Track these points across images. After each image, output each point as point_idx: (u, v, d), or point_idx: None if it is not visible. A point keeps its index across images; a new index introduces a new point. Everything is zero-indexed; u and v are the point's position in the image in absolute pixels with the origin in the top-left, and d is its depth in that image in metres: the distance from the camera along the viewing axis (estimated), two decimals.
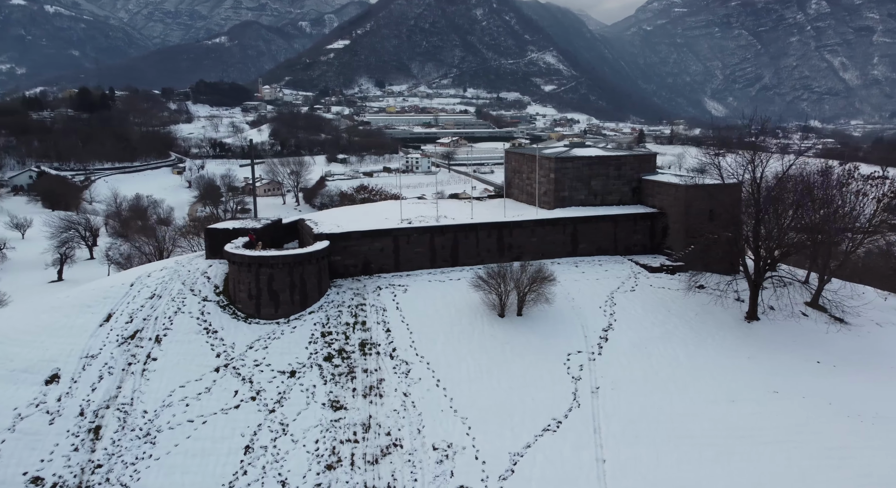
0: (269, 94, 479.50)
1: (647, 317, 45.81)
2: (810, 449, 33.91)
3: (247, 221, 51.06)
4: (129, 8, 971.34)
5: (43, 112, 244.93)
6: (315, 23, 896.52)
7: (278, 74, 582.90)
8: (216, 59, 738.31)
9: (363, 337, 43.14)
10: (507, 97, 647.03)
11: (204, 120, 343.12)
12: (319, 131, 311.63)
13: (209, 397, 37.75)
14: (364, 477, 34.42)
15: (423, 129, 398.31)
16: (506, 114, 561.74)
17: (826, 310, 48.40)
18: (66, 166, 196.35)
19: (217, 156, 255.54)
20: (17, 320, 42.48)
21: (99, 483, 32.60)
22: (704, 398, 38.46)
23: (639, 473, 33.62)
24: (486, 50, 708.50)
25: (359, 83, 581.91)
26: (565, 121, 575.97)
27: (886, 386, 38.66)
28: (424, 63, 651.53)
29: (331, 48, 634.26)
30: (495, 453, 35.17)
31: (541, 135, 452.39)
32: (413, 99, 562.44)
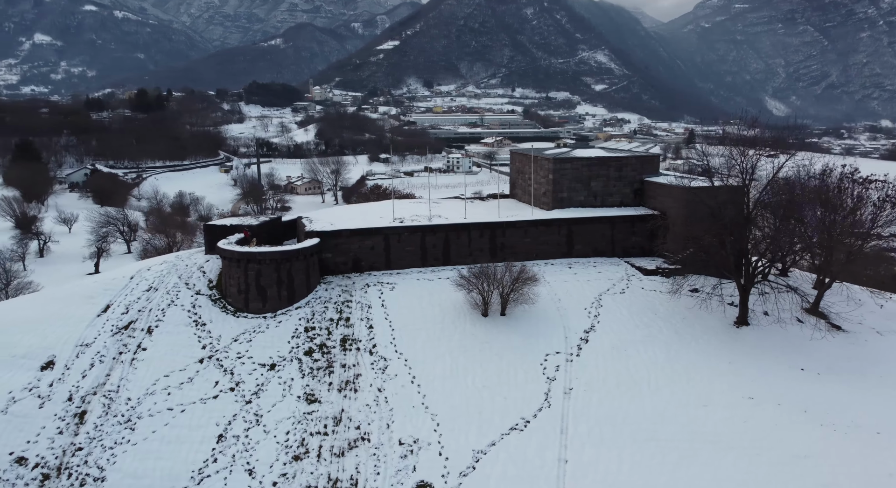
0: (319, 94, 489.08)
1: (631, 319, 45.34)
2: (775, 456, 33.25)
3: (244, 218, 52.83)
4: (192, 12, 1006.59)
5: (102, 113, 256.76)
6: (367, 24, 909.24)
7: (329, 75, 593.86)
8: (271, 61, 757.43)
9: (345, 332, 44.19)
10: (556, 97, 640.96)
11: (255, 120, 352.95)
12: (364, 131, 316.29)
13: (190, 387, 39.46)
14: (328, 469, 35.45)
15: (468, 129, 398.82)
16: (554, 114, 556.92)
17: (826, 316, 46.83)
18: (120, 164, 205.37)
19: (264, 155, 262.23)
20: (25, 309, 45.29)
21: (77, 465, 34.63)
22: (677, 401, 38.01)
23: (598, 474, 33.65)
24: (536, 49, 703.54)
25: (407, 83, 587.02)
26: (615, 121, 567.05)
27: (870, 396, 37.32)
28: (473, 63, 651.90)
29: (380, 49, 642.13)
30: (459, 450, 35.67)
31: (588, 135, 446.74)
32: (461, 99, 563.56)
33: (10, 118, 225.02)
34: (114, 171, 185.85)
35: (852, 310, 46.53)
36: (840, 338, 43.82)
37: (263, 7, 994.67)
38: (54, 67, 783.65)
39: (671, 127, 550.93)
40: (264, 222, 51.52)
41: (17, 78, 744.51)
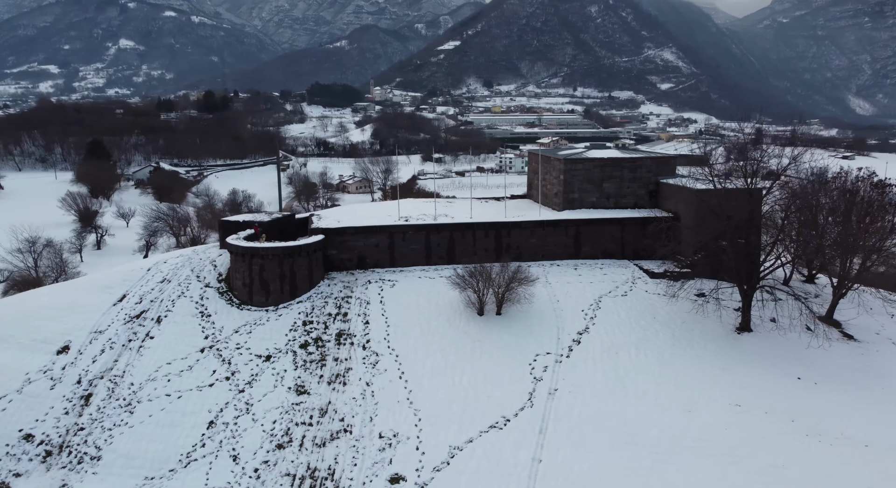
0: (379, 94, 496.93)
1: (628, 322, 44.73)
2: (752, 465, 32.48)
3: (258, 215, 54.87)
4: (263, 16, 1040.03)
5: (170, 113, 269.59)
6: (430, 25, 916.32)
7: (390, 76, 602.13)
8: (336, 62, 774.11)
9: (342, 327, 45.39)
10: (620, 96, 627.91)
11: (315, 120, 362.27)
12: (419, 131, 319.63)
13: (189, 374, 41.49)
14: (309, 458, 36.64)
15: (525, 129, 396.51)
16: (616, 113, 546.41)
17: (840, 325, 44.79)
18: (184, 163, 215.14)
19: (321, 154, 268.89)
20: (52, 296, 48.67)
21: (77, 444, 37.06)
22: (661, 406, 37.43)
23: (571, 475, 33.68)
24: (600, 48, 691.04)
25: (467, 83, 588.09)
26: (681, 121, 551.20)
27: (866, 407, 35.72)
28: (534, 62, 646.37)
29: (441, 49, 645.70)
30: (437, 445, 36.24)
31: (650, 135, 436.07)
32: (520, 99, 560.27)
33: (89, 119, 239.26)
34: (176, 169, 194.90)
35: (870, 319, 44.47)
36: (849, 348, 41.93)
37: (331, 10, 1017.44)
38: (136, 71, 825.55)
39: (740, 127, 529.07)
40: (276, 219, 53.36)
41: (103, 81, 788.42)
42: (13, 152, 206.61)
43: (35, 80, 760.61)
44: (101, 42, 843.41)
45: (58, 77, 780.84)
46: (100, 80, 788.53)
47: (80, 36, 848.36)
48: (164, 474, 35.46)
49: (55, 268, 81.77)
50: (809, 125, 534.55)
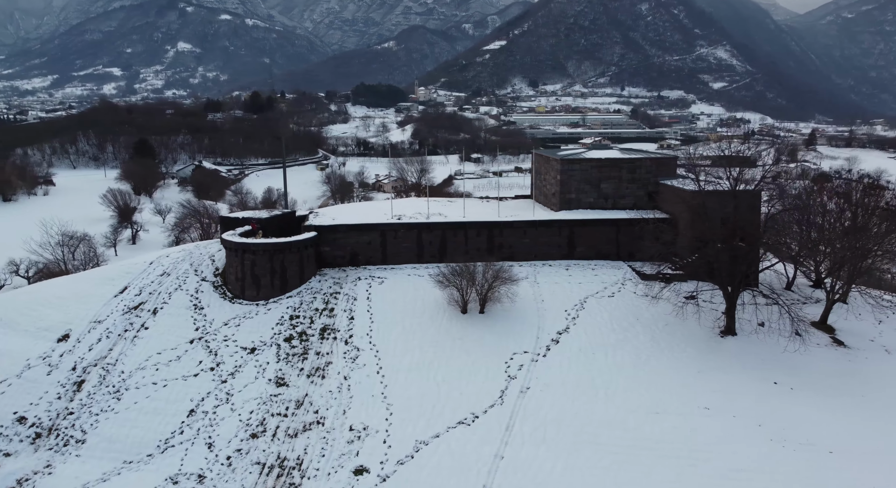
0: (423, 95, 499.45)
1: (610, 323, 44.45)
2: (709, 469, 32.17)
3: (258, 211, 56.47)
4: (314, 18, 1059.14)
5: (217, 114, 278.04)
6: (478, 24, 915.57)
7: (435, 76, 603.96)
8: (383, 63, 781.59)
9: (327, 322, 46.44)
10: (669, 96, 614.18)
11: (358, 120, 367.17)
12: (459, 131, 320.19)
13: (177, 364, 43.19)
14: (280, 448, 37.74)
15: (568, 129, 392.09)
16: (665, 113, 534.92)
17: (833, 330, 43.34)
18: (227, 161, 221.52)
19: (361, 154, 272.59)
20: (60, 287, 51.28)
21: (66, 427, 39.09)
22: (629, 407, 37.27)
23: (529, 472, 33.95)
24: (650, 46, 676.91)
25: (512, 83, 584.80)
26: (733, 121, 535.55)
27: (839, 414, 34.79)
28: (581, 61, 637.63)
29: (487, 49, 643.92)
30: (404, 439, 36.93)
31: (698, 135, 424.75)
32: (566, 98, 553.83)
33: (140, 119, 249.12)
34: (217, 168, 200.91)
35: (867, 326, 43.02)
36: (837, 354, 40.68)
37: (380, 11, 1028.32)
38: (193, 72, 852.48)
39: (797, 127, 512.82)
40: (275, 216, 54.87)
41: (161, 82, 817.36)
42: (69, 151, 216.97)
43: (100, 83, 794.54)
44: (160, 45, 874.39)
45: (120, 79, 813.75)
46: (159, 81, 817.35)
47: (142, 39, 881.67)
48: (142, 458, 37.08)
49: (88, 262, 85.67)
50: (873, 125, 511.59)
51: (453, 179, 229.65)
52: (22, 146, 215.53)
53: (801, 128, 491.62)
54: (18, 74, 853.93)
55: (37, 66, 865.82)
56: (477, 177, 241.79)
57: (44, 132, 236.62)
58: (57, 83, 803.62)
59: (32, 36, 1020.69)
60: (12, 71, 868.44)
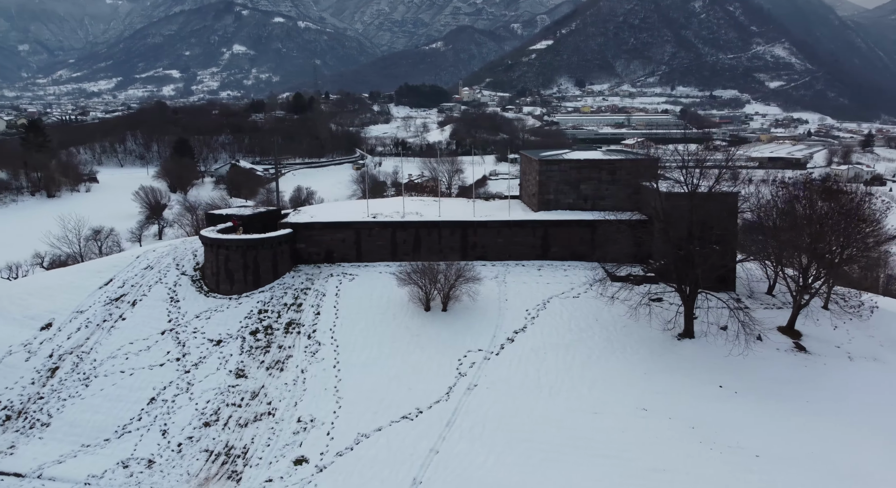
0: (467, 95, 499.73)
1: (568, 323, 44.33)
2: (633, 468, 32.27)
3: (242, 209, 58.11)
4: (364, 20, 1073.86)
5: (259, 114, 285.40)
6: (527, 24, 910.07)
7: (480, 76, 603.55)
8: (430, 64, 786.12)
9: (293, 317, 47.59)
10: (722, 95, 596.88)
11: (400, 120, 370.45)
12: (498, 131, 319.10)
13: (146, 354, 45.02)
14: (229, 437, 39.01)
15: (612, 130, 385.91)
16: (716, 113, 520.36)
17: (800, 335, 41.96)
18: (266, 161, 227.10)
19: (398, 154, 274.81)
20: (52, 278, 54.17)
21: (34, 411, 41.26)
22: (569, 406, 37.32)
23: (460, 466, 34.49)
24: (702, 44, 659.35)
25: (558, 83, 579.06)
26: (789, 121, 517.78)
27: (777, 419, 34.39)
28: (630, 61, 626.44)
29: (533, 49, 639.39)
30: (346, 431, 37.82)
31: (749, 136, 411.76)
32: (613, 98, 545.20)
33: (185, 119, 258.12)
34: (254, 167, 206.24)
35: (837, 332, 41.58)
36: (795, 360, 39.65)
37: (429, 12, 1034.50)
38: (246, 74, 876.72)
39: (859, 127, 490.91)
40: (258, 213, 56.49)
41: (217, 84, 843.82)
42: (117, 150, 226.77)
43: (160, 84, 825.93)
44: (216, 48, 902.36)
45: (178, 81, 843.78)
46: (214, 83, 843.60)
47: (199, 42, 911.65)
48: (99, 443, 38.85)
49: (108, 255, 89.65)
50: None
51: (487, 180, 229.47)
52: (75, 145, 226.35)
53: (863, 129, 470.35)
54: (86, 77, 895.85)
55: (102, 69, 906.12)
56: (512, 178, 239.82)
57: (96, 132, 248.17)
58: (120, 85, 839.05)
59: (100, 40, 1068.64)
60: (80, 74, 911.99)
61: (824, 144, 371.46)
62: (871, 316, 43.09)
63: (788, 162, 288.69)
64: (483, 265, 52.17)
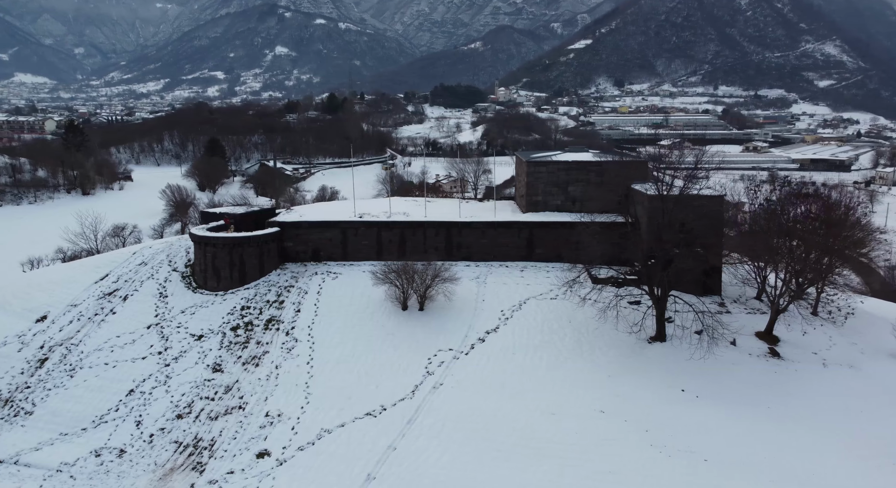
0: (503, 95, 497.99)
1: (540, 325, 44.26)
2: (582, 469, 32.27)
3: (236, 208, 59.36)
4: (404, 20, 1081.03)
5: (292, 114, 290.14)
6: (567, 23, 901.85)
7: (517, 76, 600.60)
8: (469, 64, 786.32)
9: (274, 314, 48.49)
10: (768, 95, 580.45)
11: (433, 121, 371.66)
12: (531, 131, 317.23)
13: (131, 347, 46.52)
14: (199, 429, 40.06)
15: (648, 130, 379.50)
16: (760, 113, 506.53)
17: (777, 341, 40.84)
18: (296, 160, 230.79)
19: (429, 154, 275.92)
20: (53, 272, 56.33)
21: (20, 399, 43.09)
22: (528, 406, 37.42)
23: (415, 463, 34.93)
24: (748, 42, 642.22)
25: (596, 83, 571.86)
26: (838, 121, 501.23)
27: (733, 424, 34.13)
28: (671, 60, 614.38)
29: (571, 48, 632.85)
30: (311, 427, 38.57)
31: (793, 137, 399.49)
32: (653, 98, 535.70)
33: (221, 120, 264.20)
34: (283, 166, 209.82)
35: (817, 338, 40.48)
36: (766, 365, 38.87)
37: (469, 12, 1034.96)
38: (288, 75, 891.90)
39: None
40: (251, 212, 57.64)
41: (259, 85, 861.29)
42: (154, 149, 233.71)
43: (205, 86, 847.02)
44: (260, 49, 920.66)
45: (223, 82, 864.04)
46: (257, 84, 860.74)
47: (244, 44, 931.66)
48: (77, 432, 40.34)
49: None
50: None
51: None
52: (116, 145, 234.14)
53: None
54: (136, 79, 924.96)
55: (151, 71, 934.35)
56: None
57: (136, 132, 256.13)
58: (168, 86, 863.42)
59: (150, 43, 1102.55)
60: (131, 75, 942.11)
61: (873, 146, 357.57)
62: (845, 322, 41.61)
63: (831, 164, 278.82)
64: (467, 265, 52.31)
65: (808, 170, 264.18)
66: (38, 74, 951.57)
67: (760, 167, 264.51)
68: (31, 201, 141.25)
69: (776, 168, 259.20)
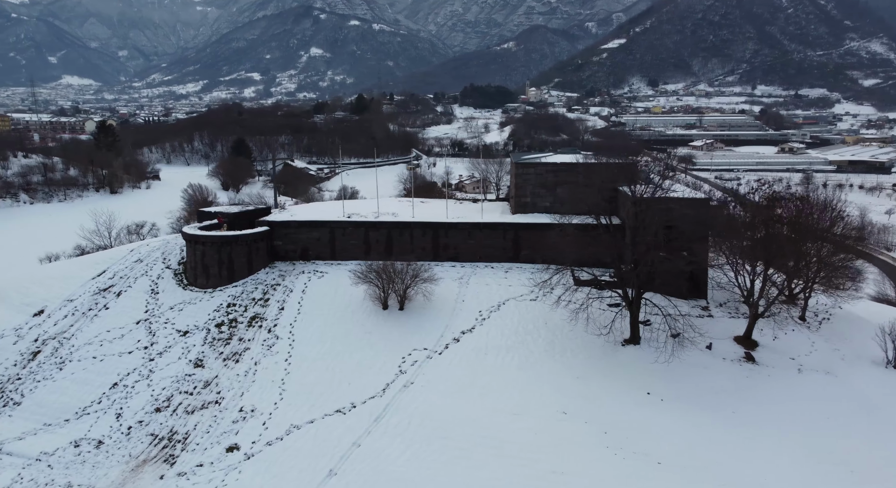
0: (534, 95, 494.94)
1: (516, 326, 44.21)
2: (535, 469, 32.38)
3: (231, 207, 60.41)
4: (438, 21, 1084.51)
5: (319, 115, 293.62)
6: (602, 23, 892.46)
7: (549, 76, 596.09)
8: (501, 64, 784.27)
9: (258, 311, 49.27)
10: (809, 94, 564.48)
11: (462, 121, 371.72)
12: (559, 132, 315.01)
13: (119, 342, 47.80)
14: (175, 423, 41.02)
15: (681, 131, 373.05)
16: (801, 113, 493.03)
17: (755, 345, 39.97)
18: (321, 161, 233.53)
19: (455, 154, 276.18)
20: (55, 268, 58.14)
21: (11, 390, 44.66)
22: (493, 407, 37.58)
23: (376, 460, 35.40)
24: (789, 41, 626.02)
25: (629, 83, 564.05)
26: (884, 121, 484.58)
27: (694, 428, 33.95)
28: (708, 59, 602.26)
29: (604, 48, 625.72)
30: (281, 422, 39.27)
31: (833, 138, 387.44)
32: (688, 98, 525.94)
33: (250, 120, 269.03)
34: (308, 166, 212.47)
35: (797, 343, 39.57)
36: (738, 370, 38.41)
37: (502, 12, 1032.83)
38: (322, 76, 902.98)
39: None
40: (245, 211, 58.61)
41: (294, 86, 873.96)
42: (184, 149, 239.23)
43: (242, 87, 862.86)
44: (295, 51, 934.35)
45: (259, 83, 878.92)
46: (292, 85, 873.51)
47: (279, 46, 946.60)
48: (60, 422, 41.66)
49: None
50: None
51: None
52: (149, 145, 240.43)
53: None
54: (176, 80, 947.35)
55: (191, 73, 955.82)
56: None
57: (168, 132, 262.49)
58: (206, 88, 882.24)
59: (190, 45, 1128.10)
60: (171, 77, 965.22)
61: None
62: (820, 328, 40.43)
63: (870, 165, 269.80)
64: (452, 266, 52.37)
65: (846, 171, 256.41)
66: (85, 76, 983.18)
67: (794, 169, 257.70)
68: (61, 199, 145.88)
69: (811, 169, 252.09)
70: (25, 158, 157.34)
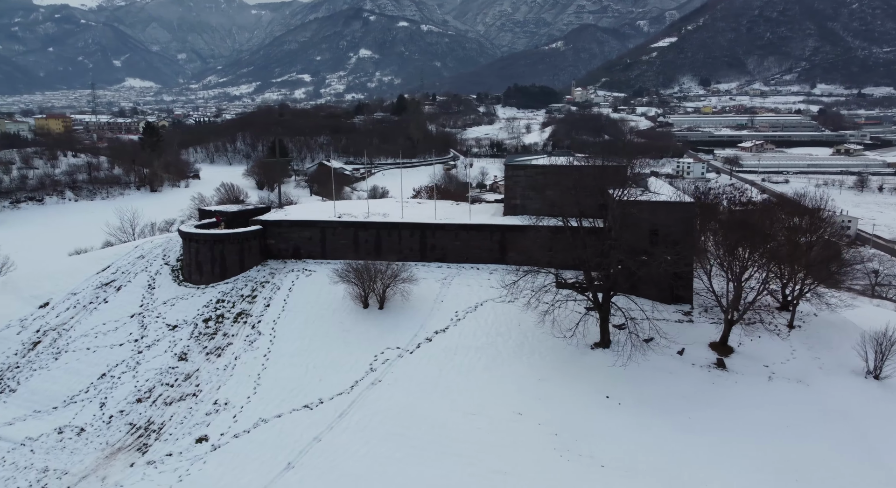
0: (579, 95, 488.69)
1: (488, 326, 44.23)
2: (480, 468, 32.69)
3: (230, 206, 61.90)
4: (486, 21, 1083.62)
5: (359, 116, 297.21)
6: (654, 21, 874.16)
7: (596, 76, 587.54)
8: (549, 64, 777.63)
9: (245, 308, 50.46)
10: (873, 93, 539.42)
11: (504, 121, 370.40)
12: (602, 132, 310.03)
13: (113, 334, 49.73)
14: (153, 413, 42.48)
15: (730, 132, 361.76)
16: (863, 113, 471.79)
17: (731, 351, 38.76)
18: (358, 161, 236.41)
19: (493, 155, 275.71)
20: (64, 263, 60.72)
21: (8, 378, 47.02)
22: (452, 406, 37.99)
23: (332, 456, 36.09)
24: (852, 37, 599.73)
25: (680, 82, 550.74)
26: None
27: (646, 431, 33.62)
28: (764, 57, 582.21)
29: (654, 47, 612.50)
30: (251, 416, 40.41)
31: (893, 139, 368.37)
32: (742, 98, 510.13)
33: (291, 121, 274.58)
34: (343, 166, 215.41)
35: (774, 350, 38.27)
36: (704, 376, 37.77)
37: (552, 11, 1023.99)
38: (371, 77, 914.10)
39: None
40: (243, 210, 60.04)
41: (343, 87, 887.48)
42: (227, 149, 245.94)
43: (292, 88, 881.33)
44: (344, 53, 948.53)
45: (309, 84, 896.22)
46: (341, 86, 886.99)
47: (329, 48, 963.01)
48: (48, 410, 43.66)
49: None
50: None
51: None
52: (194, 145, 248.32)
53: None
54: (230, 82, 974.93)
55: (244, 75, 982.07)
56: None
57: (213, 132, 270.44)
58: (259, 89, 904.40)
59: (244, 48, 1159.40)
60: (226, 79, 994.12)
61: None
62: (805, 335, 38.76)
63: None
64: (438, 267, 52.46)
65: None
66: (146, 79, 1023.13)
67: (849, 171, 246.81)
68: (103, 197, 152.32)
69: (867, 172, 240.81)
70: (74, 158, 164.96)
